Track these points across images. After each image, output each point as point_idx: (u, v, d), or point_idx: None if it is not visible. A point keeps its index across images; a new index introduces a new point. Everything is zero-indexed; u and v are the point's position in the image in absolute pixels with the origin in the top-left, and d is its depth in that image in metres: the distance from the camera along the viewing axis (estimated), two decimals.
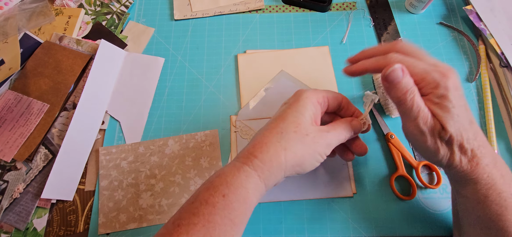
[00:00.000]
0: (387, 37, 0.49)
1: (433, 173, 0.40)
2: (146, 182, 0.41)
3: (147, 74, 0.47)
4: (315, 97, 0.32)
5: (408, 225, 0.38)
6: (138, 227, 0.39)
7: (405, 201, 0.39)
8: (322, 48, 0.48)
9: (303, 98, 0.31)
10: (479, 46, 0.47)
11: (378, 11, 0.51)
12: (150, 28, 0.51)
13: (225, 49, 0.49)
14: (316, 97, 0.32)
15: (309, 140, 0.30)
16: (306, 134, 0.30)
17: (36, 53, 0.47)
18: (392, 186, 0.39)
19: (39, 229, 0.39)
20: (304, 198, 0.39)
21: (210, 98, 0.46)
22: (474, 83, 0.45)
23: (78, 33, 0.51)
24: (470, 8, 0.49)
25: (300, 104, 0.31)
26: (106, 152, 0.42)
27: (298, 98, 0.31)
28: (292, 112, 0.31)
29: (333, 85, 0.45)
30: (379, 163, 0.41)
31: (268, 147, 0.29)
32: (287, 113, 0.31)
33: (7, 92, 0.45)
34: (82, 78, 0.47)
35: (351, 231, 0.38)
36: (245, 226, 0.29)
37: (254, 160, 0.29)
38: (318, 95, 0.32)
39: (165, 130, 0.44)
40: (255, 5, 0.52)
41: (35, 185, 0.41)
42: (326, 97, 0.33)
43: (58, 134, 0.44)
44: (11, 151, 0.41)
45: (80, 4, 0.53)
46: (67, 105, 0.45)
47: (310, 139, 0.30)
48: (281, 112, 0.32)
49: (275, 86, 0.45)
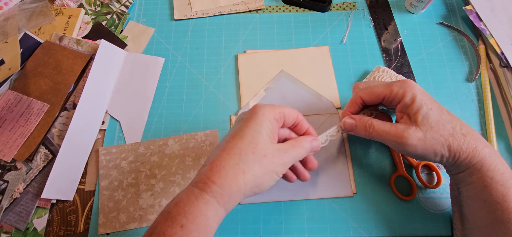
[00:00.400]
0: (387, 37, 0.49)
1: (433, 173, 0.40)
2: (146, 182, 0.41)
3: (147, 74, 0.47)
4: (272, 114, 0.31)
5: (408, 225, 0.38)
6: (138, 227, 0.39)
7: (405, 201, 0.39)
8: (322, 48, 0.48)
9: (260, 115, 0.30)
10: (479, 46, 0.47)
11: (378, 11, 0.51)
12: (150, 28, 0.51)
13: (225, 49, 0.49)
14: (273, 113, 0.31)
15: (267, 161, 0.29)
16: (264, 155, 0.29)
17: (36, 53, 0.47)
18: (392, 186, 0.39)
19: (39, 229, 0.39)
20: (304, 198, 0.39)
21: (210, 98, 0.46)
22: (474, 83, 0.45)
23: (78, 33, 0.51)
24: (470, 8, 0.49)
25: (257, 121, 0.30)
26: (106, 152, 0.42)
27: (255, 115, 0.31)
28: (250, 131, 0.30)
29: (333, 85, 0.45)
30: (379, 163, 0.41)
31: (226, 171, 0.28)
32: (244, 132, 0.30)
33: (7, 92, 0.45)
34: (82, 78, 0.47)
35: (351, 231, 0.38)
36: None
37: (212, 186, 0.28)
38: (275, 112, 0.31)
39: (165, 130, 0.44)
40: (255, 5, 0.52)
41: (35, 185, 0.41)
42: (283, 113, 0.32)
43: (58, 134, 0.44)
44: (11, 151, 0.41)
45: (80, 4, 0.53)
46: (67, 105, 0.45)
47: (268, 160, 0.29)
48: (237, 129, 0.31)
49: (275, 86, 0.45)
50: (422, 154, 0.31)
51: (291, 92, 0.45)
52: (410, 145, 0.31)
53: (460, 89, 0.45)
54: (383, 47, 0.48)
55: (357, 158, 0.41)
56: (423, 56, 0.47)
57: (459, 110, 0.44)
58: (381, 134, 0.33)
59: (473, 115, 0.43)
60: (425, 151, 0.31)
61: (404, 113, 0.33)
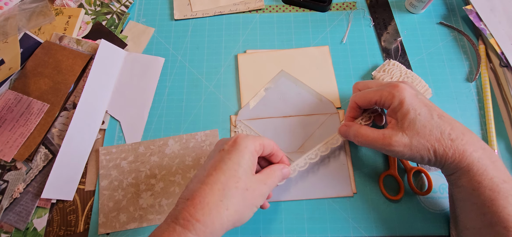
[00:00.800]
0: (387, 37, 0.49)
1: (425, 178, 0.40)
2: (146, 182, 0.41)
3: (147, 74, 0.47)
4: (253, 146, 0.31)
5: (408, 225, 0.38)
6: (138, 227, 0.39)
7: (405, 201, 0.39)
8: (322, 48, 0.48)
9: (242, 148, 0.31)
10: (479, 46, 0.47)
11: (378, 11, 0.51)
12: (150, 28, 0.51)
13: (225, 49, 0.49)
14: (254, 146, 0.31)
15: (249, 195, 0.30)
16: (246, 188, 0.30)
17: (36, 53, 0.47)
18: (380, 184, 0.39)
19: (39, 229, 0.39)
20: (304, 198, 0.39)
21: (210, 98, 0.46)
22: (474, 83, 0.45)
23: (78, 33, 0.51)
24: (470, 8, 0.49)
25: (239, 154, 0.30)
26: (106, 152, 0.42)
27: (237, 147, 0.31)
28: (232, 164, 0.30)
29: (333, 85, 0.45)
30: (380, 163, 0.41)
31: (210, 208, 0.28)
32: (226, 164, 0.30)
33: (7, 92, 0.45)
34: (82, 78, 0.47)
35: (351, 231, 0.38)
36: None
37: (196, 224, 0.27)
38: (256, 144, 0.32)
39: (165, 130, 0.44)
40: (255, 5, 0.52)
41: (35, 185, 0.41)
42: (262, 145, 0.33)
43: (58, 134, 0.44)
44: (11, 151, 0.41)
45: (80, 4, 0.53)
46: (67, 105, 0.45)
47: (249, 193, 0.30)
48: (219, 159, 0.31)
49: (275, 86, 0.45)
50: (409, 158, 0.32)
51: (291, 92, 0.45)
52: (397, 151, 0.32)
53: (460, 89, 0.45)
54: (383, 47, 0.48)
55: (357, 158, 0.41)
56: (423, 56, 0.47)
57: (459, 110, 0.44)
58: (368, 141, 0.34)
59: (473, 115, 0.43)
60: (412, 156, 0.32)
61: (392, 118, 0.33)
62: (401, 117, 0.32)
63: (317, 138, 0.42)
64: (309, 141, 0.42)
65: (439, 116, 0.31)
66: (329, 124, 0.43)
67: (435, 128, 0.31)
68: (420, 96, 0.33)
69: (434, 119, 0.31)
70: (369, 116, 0.38)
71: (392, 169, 0.39)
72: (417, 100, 0.32)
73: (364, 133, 0.34)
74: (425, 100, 0.33)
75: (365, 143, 0.34)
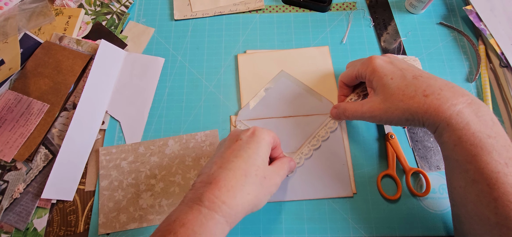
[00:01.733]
0: (387, 37, 0.49)
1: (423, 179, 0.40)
2: (146, 182, 0.41)
3: (147, 74, 0.47)
4: (269, 138, 0.33)
5: (408, 225, 0.38)
6: (138, 227, 0.39)
7: (405, 201, 0.39)
8: (322, 48, 0.48)
9: (260, 139, 0.32)
10: (479, 46, 0.47)
11: (378, 11, 0.51)
12: (150, 28, 0.51)
13: (225, 49, 0.49)
14: (269, 138, 0.33)
15: (266, 183, 0.31)
16: (264, 177, 0.31)
17: (36, 53, 0.47)
18: (378, 184, 0.39)
19: (39, 229, 0.39)
20: (304, 198, 0.39)
21: (210, 98, 0.46)
22: (474, 83, 0.45)
23: (78, 33, 0.51)
24: (470, 8, 0.49)
25: (258, 145, 0.32)
26: (106, 152, 0.42)
27: (255, 138, 0.32)
28: (252, 153, 0.31)
29: (333, 85, 0.45)
30: (380, 163, 0.41)
31: (235, 192, 0.29)
32: (247, 152, 0.31)
33: (7, 92, 0.45)
34: (82, 78, 0.47)
35: (351, 231, 0.38)
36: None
37: (222, 206, 0.28)
38: (270, 136, 0.33)
39: (165, 130, 0.44)
40: (255, 5, 0.52)
41: (35, 185, 0.41)
42: (275, 138, 0.35)
43: (58, 134, 0.44)
44: (11, 151, 0.41)
45: (80, 4, 0.53)
46: (67, 105, 0.45)
47: (267, 182, 0.31)
48: (237, 148, 0.32)
49: (275, 86, 0.45)
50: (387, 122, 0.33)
51: (291, 92, 0.45)
52: (376, 116, 0.34)
53: None
54: (383, 47, 0.48)
55: (357, 158, 0.41)
56: (423, 56, 0.47)
57: None
58: (355, 114, 0.36)
59: None
60: (389, 119, 0.33)
61: (371, 88, 0.35)
62: (376, 85, 0.34)
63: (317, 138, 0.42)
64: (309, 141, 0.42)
65: (414, 77, 0.32)
66: (329, 124, 0.43)
67: (409, 87, 0.31)
68: (396, 62, 0.34)
69: (408, 80, 0.32)
70: (358, 94, 0.40)
71: (390, 169, 0.40)
72: (390, 66, 0.34)
73: (349, 107, 0.37)
74: (401, 65, 0.34)
75: (353, 117, 0.37)
